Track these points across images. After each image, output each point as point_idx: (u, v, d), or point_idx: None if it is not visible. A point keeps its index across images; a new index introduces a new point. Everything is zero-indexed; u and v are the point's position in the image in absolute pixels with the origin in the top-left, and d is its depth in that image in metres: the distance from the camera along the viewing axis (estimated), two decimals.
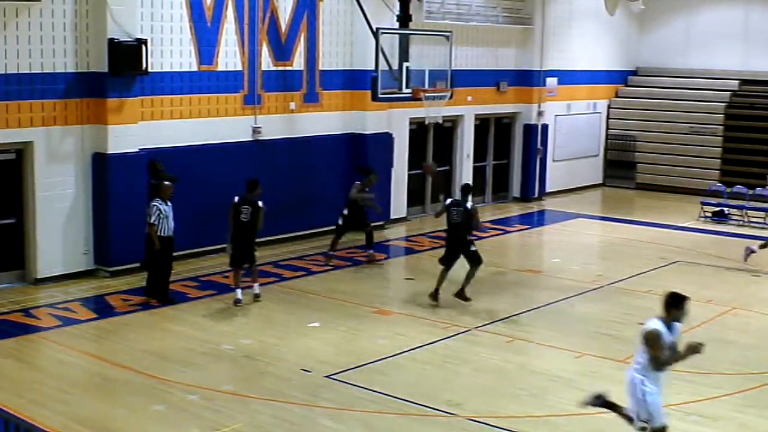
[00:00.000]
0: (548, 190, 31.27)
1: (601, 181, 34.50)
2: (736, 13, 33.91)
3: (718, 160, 32.56)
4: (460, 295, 18.09)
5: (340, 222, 21.35)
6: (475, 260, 18.19)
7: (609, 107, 34.58)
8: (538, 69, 30.24)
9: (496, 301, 18.43)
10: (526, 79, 30.10)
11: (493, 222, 26.83)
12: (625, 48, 35.14)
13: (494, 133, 30.07)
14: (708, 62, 34.28)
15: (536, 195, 30.65)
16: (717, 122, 32.95)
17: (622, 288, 19.88)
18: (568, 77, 31.81)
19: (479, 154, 29.41)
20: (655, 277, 20.93)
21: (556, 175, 31.75)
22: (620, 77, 35.15)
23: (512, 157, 30.71)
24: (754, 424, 12.79)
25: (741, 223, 27.61)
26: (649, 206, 30.55)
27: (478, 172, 29.42)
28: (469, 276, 18.20)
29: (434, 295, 18.14)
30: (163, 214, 17.20)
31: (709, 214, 28.16)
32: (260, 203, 17.56)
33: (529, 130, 30.45)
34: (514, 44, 29.86)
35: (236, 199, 17.62)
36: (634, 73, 35.70)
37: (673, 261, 22.51)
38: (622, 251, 23.83)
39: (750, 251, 21.76)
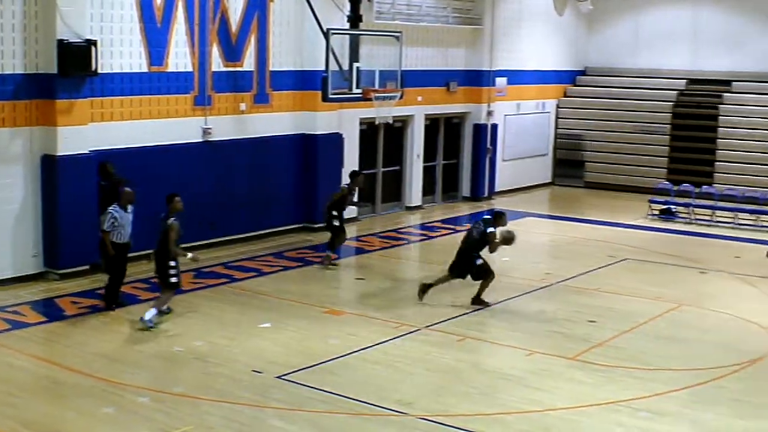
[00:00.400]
0: (498, 189, 31.43)
1: (550, 180, 34.80)
2: (684, 13, 34.28)
3: (666, 159, 32.93)
4: (477, 301, 18.22)
5: (336, 223, 21.17)
6: (481, 275, 18.22)
7: (558, 107, 34.87)
8: (488, 69, 30.37)
9: (446, 300, 18.46)
10: (476, 79, 30.24)
11: (443, 221, 27.04)
12: (574, 48, 35.44)
13: (444, 132, 30.18)
14: (656, 62, 34.65)
15: (486, 194, 30.79)
16: (664, 121, 33.31)
17: (571, 286, 20.06)
18: (517, 77, 32.01)
19: (429, 153, 29.51)
20: (604, 275, 21.18)
21: (505, 175, 31.93)
22: (569, 77, 35.44)
23: (462, 157, 30.82)
24: (703, 419, 12.95)
25: (688, 221, 27.94)
26: (597, 205, 30.82)
27: (428, 172, 29.52)
28: (483, 285, 18.31)
29: (423, 290, 18.32)
30: (119, 222, 16.84)
31: (657, 212, 28.48)
32: (170, 220, 16.38)
33: (479, 129, 30.57)
34: (463, 44, 29.99)
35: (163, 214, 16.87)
36: (583, 72, 36.00)
37: (622, 259, 22.75)
38: (571, 249, 24.04)
39: None
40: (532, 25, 32.83)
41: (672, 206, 28.58)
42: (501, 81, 31.02)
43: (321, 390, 13.44)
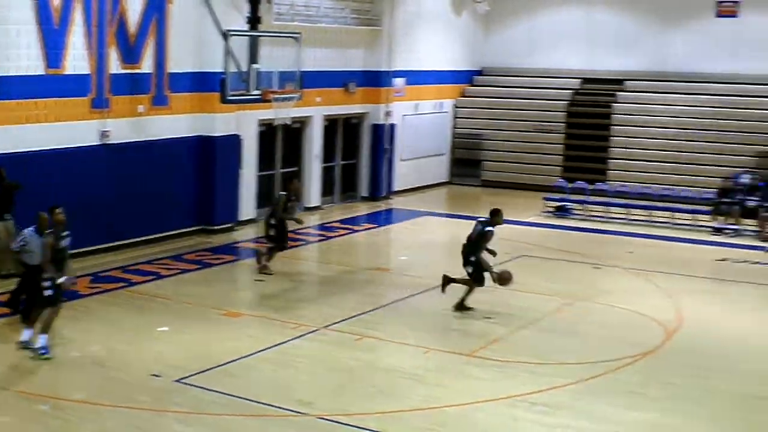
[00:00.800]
0: (396, 188, 31.64)
1: (447, 179, 35.06)
2: (578, 14, 34.98)
3: (561, 157, 33.48)
4: (459, 306, 18.12)
5: (272, 233, 20.76)
6: (472, 278, 18.20)
7: (455, 107, 35.20)
8: (386, 69, 30.61)
9: (344, 300, 18.66)
10: (374, 80, 30.45)
11: (341, 221, 27.13)
12: (471, 48, 35.83)
13: (343, 133, 30.34)
14: (551, 62, 35.20)
15: (384, 194, 31.01)
16: (559, 120, 33.91)
17: None
18: (415, 77, 32.27)
19: (328, 154, 29.62)
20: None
21: (403, 174, 32.13)
22: (466, 77, 35.82)
23: (361, 157, 31.01)
24: (597, 411, 13.28)
25: (582, 217, 28.48)
26: (494, 203, 30.39)
27: (327, 173, 29.61)
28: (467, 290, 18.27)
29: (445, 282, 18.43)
30: (28, 246, 15.76)
31: (552, 209, 28.95)
32: (45, 233, 15.20)
33: (377, 130, 30.83)
34: (362, 45, 30.17)
35: None
36: (480, 73, 36.42)
37: (518, 256, 22.94)
38: None
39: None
40: (429, 26, 33.11)
41: (567, 203, 29.07)
42: (399, 81, 31.26)
43: (220, 393, 13.45)
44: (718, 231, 26.77)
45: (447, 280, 18.41)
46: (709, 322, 18.00)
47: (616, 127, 33.01)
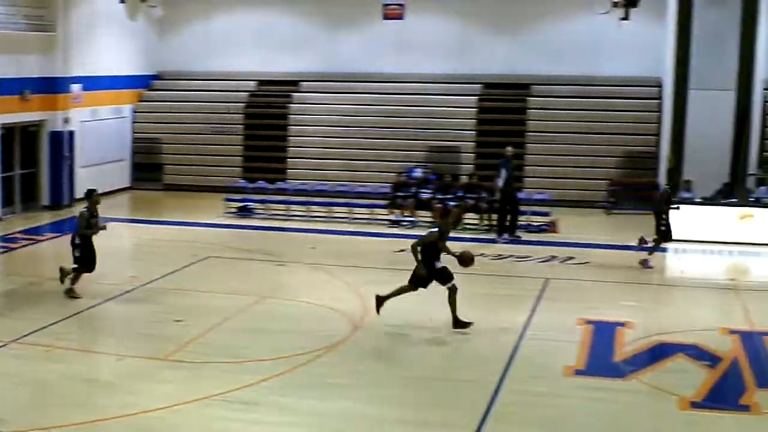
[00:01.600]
0: (78, 196, 30.97)
1: (129, 185, 34.82)
2: (253, 17, 35.66)
3: (240, 158, 34.06)
4: (457, 324, 17.47)
5: (77, 254, 19.49)
6: (445, 278, 17.48)
7: (134, 111, 35.06)
8: (63, 76, 30.22)
9: (32, 312, 18.36)
10: (51, 87, 29.99)
11: (24, 232, 26.52)
12: (148, 53, 35.77)
13: (21, 142, 29.65)
14: (228, 65, 35.67)
15: (67, 202, 30.56)
16: (237, 122, 34.46)
17: (156, 287, 20.38)
18: (93, 83, 31.93)
19: (6, 164, 28.90)
20: (188, 274, 21.76)
21: (84, 181, 31.52)
22: (143, 82, 35.75)
23: (40, 165, 30.43)
24: (291, 404, 13.81)
25: (264, 216, 29.12)
26: (176, 206, 31.25)
27: (7, 183, 28.88)
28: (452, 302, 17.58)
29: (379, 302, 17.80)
30: None
31: (234, 210, 29.42)
32: None
33: (56, 137, 30.36)
34: (37, 51, 29.59)
35: None
36: (157, 77, 36.44)
37: (204, 257, 23.29)
38: (154, 252, 24.40)
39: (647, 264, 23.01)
40: (105, 30, 32.82)
41: (249, 203, 29.59)
42: (76, 87, 30.88)
43: None
44: (395, 223, 28.03)
45: (380, 300, 17.94)
46: (391, 310, 18.45)
47: (293, 127, 33.95)
